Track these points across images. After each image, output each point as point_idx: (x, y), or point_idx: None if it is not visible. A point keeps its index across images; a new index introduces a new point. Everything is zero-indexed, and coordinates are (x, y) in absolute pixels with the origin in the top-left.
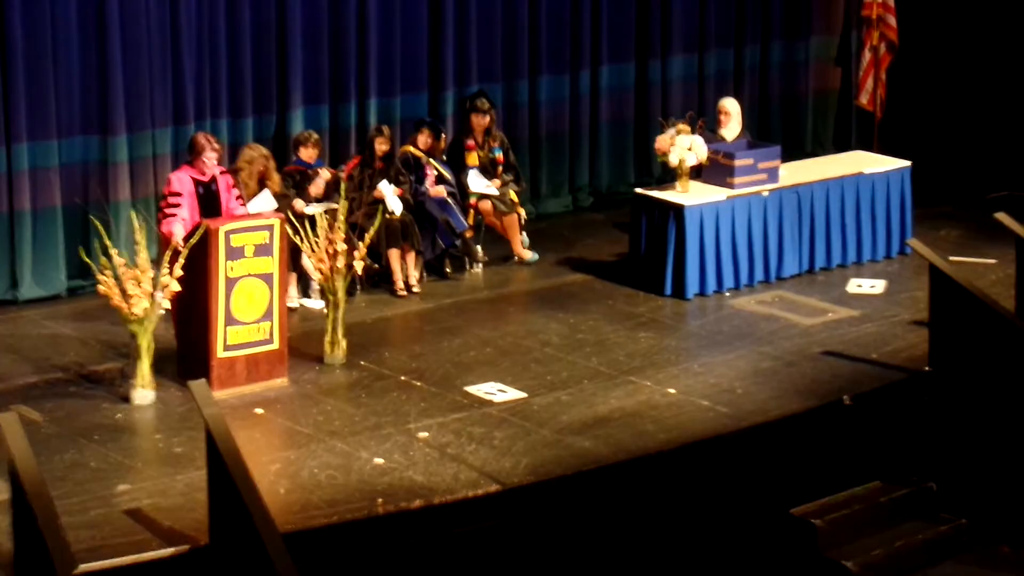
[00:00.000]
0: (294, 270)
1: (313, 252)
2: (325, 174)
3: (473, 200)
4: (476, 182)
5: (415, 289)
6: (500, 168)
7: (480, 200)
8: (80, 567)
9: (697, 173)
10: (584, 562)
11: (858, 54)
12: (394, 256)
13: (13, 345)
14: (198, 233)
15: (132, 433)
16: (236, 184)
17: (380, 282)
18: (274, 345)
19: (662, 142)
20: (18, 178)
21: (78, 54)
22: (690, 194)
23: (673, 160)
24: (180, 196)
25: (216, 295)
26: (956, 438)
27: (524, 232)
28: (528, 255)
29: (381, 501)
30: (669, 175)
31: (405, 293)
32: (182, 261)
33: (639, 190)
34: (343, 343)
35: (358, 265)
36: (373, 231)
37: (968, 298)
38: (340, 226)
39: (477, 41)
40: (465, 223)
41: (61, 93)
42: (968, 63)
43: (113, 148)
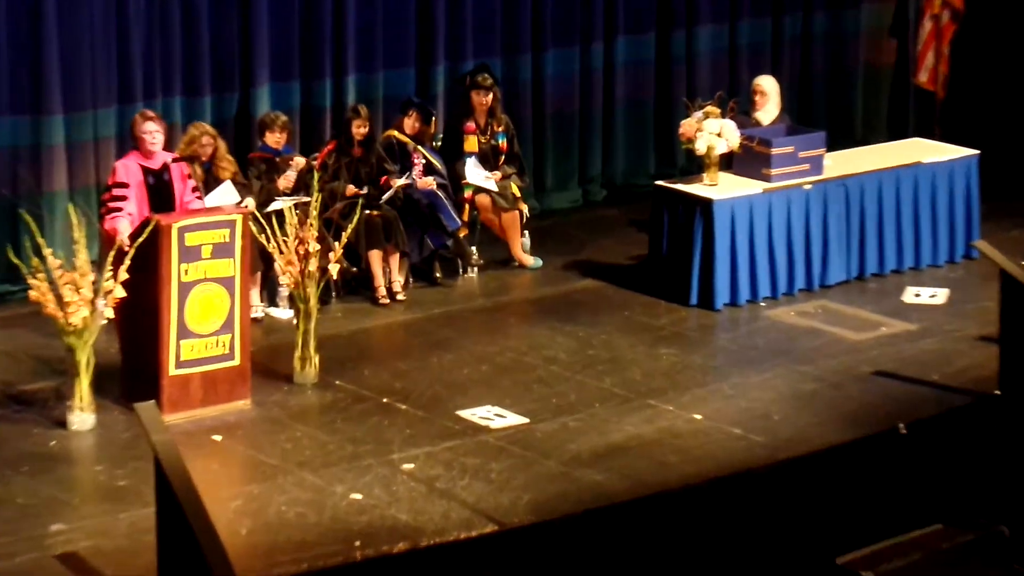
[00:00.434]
0: (260, 274)
1: (281, 253)
2: (299, 161)
3: (468, 194)
4: (474, 172)
5: (399, 296)
6: (503, 158)
7: (477, 194)
8: None
9: (728, 163)
10: None
11: (917, 24)
12: (375, 258)
13: None
14: (147, 230)
15: (68, 464)
16: (192, 174)
17: (359, 288)
18: (235, 361)
19: (687, 127)
20: None
21: (4, 17)
22: (720, 187)
23: (700, 148)
24: (126, 187)
25: (168, 303)
26: None
27: (526, 232)
28: (530, 259)
29: (359, 544)
30: (695, 165)
31: (388, 301)
32: (128, 263)
33: (660, 182)
34: (315, 359)
35: (333, 268)
36: (351, 229)
37: None
38: (312, 223)
39: (473, 8)
40: (458, 220)
41: None
42: None
43: (47, 130)
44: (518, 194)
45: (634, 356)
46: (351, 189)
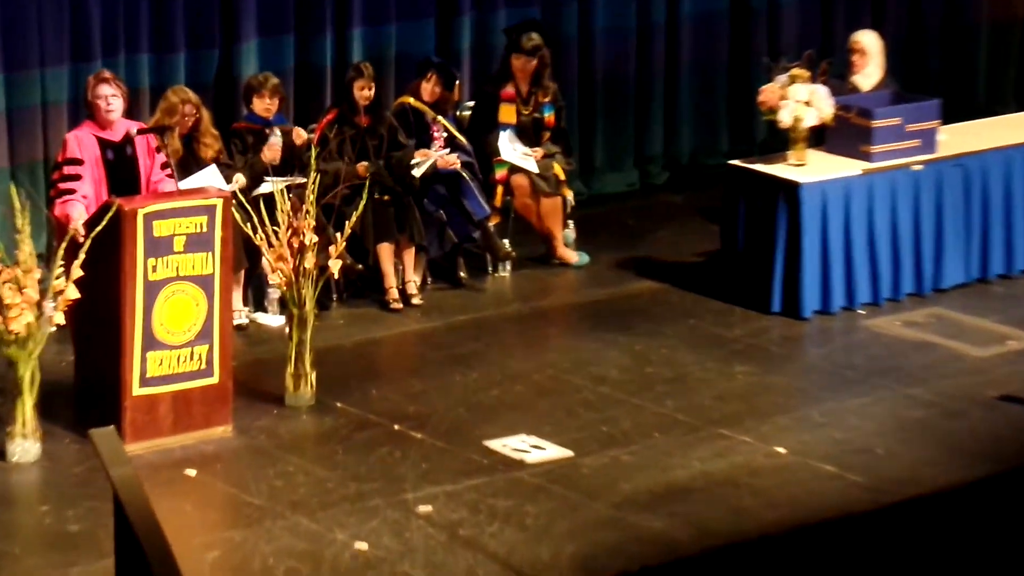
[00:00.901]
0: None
1: (271, 247)
2: (301, 134)
3: (501, 174)
4: (509, 149)
5: (415, 300)
6: (547, 134)
7: (512, 174)
8: None
9: (819, 138)
10: None
11: None
12: (386, 253)
13: None
14: (106, 217)
15: (7, 504)
16: (162, 147)
17: (366, 290)
18: (213, 378)
19: (769, 93)
20: None
21: None
22: (809, 167)
23: (784, 119)
24: (80, 164)
25: (131, 306)
26: None
27: (571, 222)
28: (575, 255)
29: None
30: (778, 140)
31: (401, 305)
32: (83, 257)
33: (735, 162)
34: (312, 376)
35: (334, 265)
36: (356, 217)
37: None
38: (310, 209)
39: None
40: (487, 207)
41: None
42: None
43: None
44: (562, 176)
45: (702, 375)
46: (362, 167)
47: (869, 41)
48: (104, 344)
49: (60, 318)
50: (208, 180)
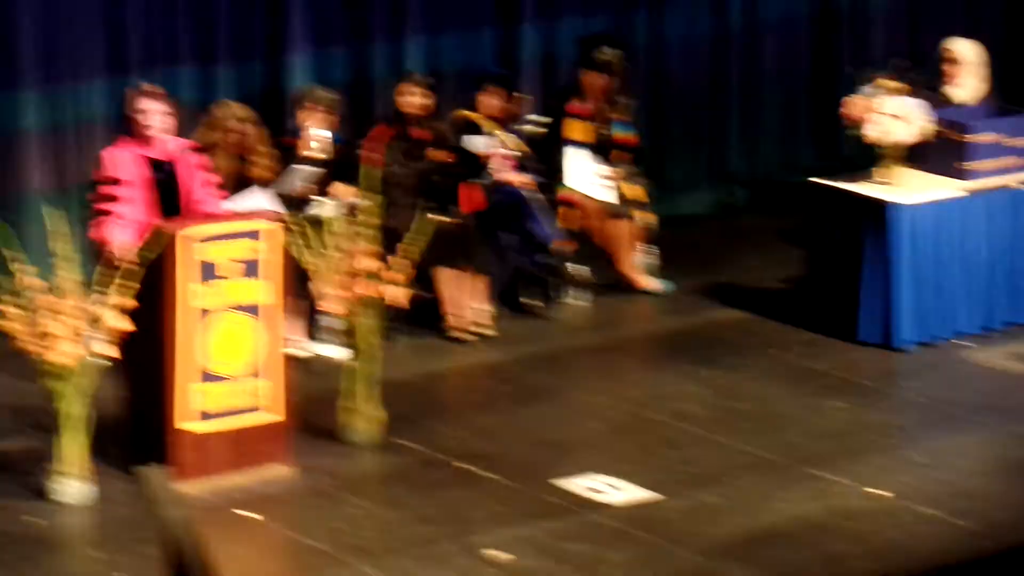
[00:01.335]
0: (303, 299)
1: (328, 273)
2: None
3: (569, 194)
4: (578, 174)
5: (482, 330)
6: (620, 153)
7: (580, 195)
8: None
9: (912, 155)
10: None
11: None
12: (449, 280)
13: None
14: (152, 241)
15: (55, 547)
16: (205, 165)
17: (430, 319)
18: (270, 414)
19: (855, 106)
20: None
21: None
22: (899, 186)
23: (872, 134)
24: (118, 183)
25: (180, 336)
26: None
27: (646, 246)
28: (653, 282)
29: None
30: (866, 157)
31: (467, 336)
32: (131, 284)
33: (819, 180)
34: (375, 412)
35: (396, 293)
36: (417, 242)
37: None
38: (369, 231)
39: None
40: (555, 230)
41: None
42: None
43: (16, 110)
44: (642, 199)
45: (791, 411)
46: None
47: (963, 49)
48: (153, 377)
49: (106, 349)
50: (259, 202)
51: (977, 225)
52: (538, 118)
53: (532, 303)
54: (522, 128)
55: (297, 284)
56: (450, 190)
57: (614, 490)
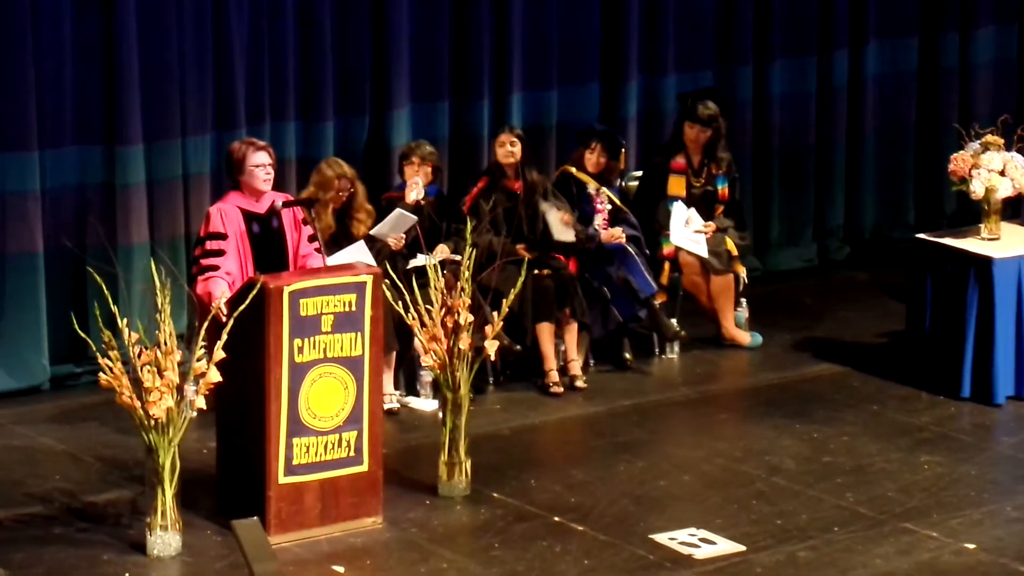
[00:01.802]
0: (396, 353)
1: (423, 327)
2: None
3: (669, 249)
4: (679, 230)
5: (578, 383)
6: (720, 207)
7: (680, 250)
8: None
9: (1015, 210)
10: None
11: None
12: (546, 333)
13: None
14: (251, 295)
15: None
16: (309, 220)
17: (524, 372)
18: (363, 466)
19: (960, 161)
20: None
21: (69, 19)
22: (1003, 242)
23: (977, 190)
24: (224, 238)
25: (276, 389)
26: None
27: (743, 300)
28: (748, 336)
29: None
30: (970, 213)
31: (561, 389)
32: (225, 338)
33: (922, 235)
34: (467, 465)
35: (491, 346)
36: (514, 295)
37: None
38: (464, 287)
39: (675, 7)
40: (654, 285)
41: (45, 83)
42: None
43: (123, 164)
44: (735, 252)
45: (885, 465)
46: (521, 248)
47: None
48: (248, 430)
49: (202, 403)
50: (357, 256)
51: None
52: (638, 174)
53: (629, 357)
54: (625, 184)
55: (393, 337)
56: (546, 242)
57: (706, 544)
